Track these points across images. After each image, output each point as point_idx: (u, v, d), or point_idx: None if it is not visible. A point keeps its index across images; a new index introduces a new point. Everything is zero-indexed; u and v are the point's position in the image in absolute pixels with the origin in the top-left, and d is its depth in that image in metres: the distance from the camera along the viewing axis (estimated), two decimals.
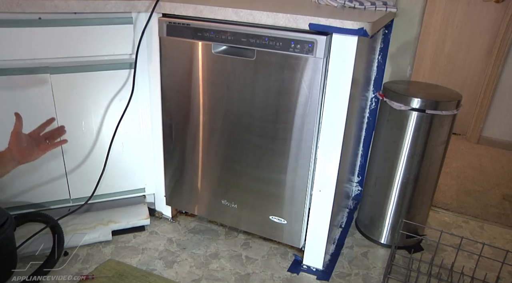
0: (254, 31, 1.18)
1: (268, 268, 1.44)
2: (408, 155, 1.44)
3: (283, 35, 1.14)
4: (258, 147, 1.34)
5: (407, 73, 1.66)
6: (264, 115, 1.29)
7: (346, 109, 1.17)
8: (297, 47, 1.13)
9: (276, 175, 1.35)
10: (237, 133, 1.36)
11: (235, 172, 1.42)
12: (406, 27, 1.59)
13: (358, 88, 1.35)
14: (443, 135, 1.41)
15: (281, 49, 1.16)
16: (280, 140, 1.29)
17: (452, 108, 1.36)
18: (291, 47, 1.14)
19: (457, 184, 2.12)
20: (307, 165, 1.28)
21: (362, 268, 1.46)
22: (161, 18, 1.31)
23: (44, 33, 1.25)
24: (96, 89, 1.40)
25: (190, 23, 1.27)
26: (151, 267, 1.41)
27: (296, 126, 1.25)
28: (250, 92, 1.27)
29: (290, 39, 1.14)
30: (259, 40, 1.18)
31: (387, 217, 1.57)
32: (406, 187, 1.49)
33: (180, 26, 1.28)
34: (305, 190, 1.32)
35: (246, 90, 1.28)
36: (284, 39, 1.14)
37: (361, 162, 1.84)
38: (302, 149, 1.27)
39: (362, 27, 1.05)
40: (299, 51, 1.14)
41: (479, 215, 1.85)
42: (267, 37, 1.16)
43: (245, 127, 1.33)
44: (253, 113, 1.30)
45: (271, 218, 1.44)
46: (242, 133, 1.35)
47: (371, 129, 1.73)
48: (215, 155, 1.44)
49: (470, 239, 1.44)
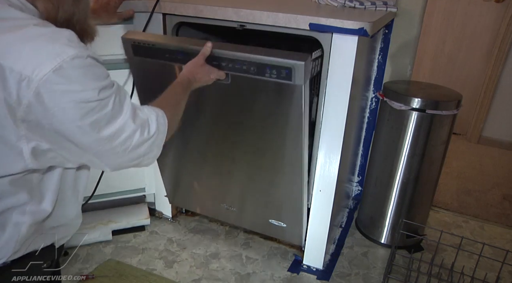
0: (227, 55, 1.06)
1: (268, 268, 1.44)
2: (408, 155, 1.44)
3: (258, 60, 1.02)
4: (247, 163, 1.33)
5: (407, 73, 1.66)
6: (248, 139, 1.26)
7: (347, 108, 1.17)
8: (273, 72, 1.03)
9: (269, 188, 1.35)
10: (226, 150, 1.34)
11: (230, 182, 1.43)
12: (406, 27, 1.59)
13: (358, 88, 1.35)
14: (443, 135, 1.42)
15: (256, 74, 1.06)
16: (269, 161, 1.29)
17: (452, 108, 1.36)
18: (267, 72, 1.03)
19: (457, 184, 2.12)
20: (299, 181, 1.25)
21: (362, 268, 1.46)
22: (126, 38, 1.18)
23: None
24: None
25: (156, 43, 1.15)
26: (151, 267, 1.41)
27: (280, 155, 1.22)
28: (227, 114, 1.23)
29: (265, 64, 1.02)
30: (232, 64, 1.06)
31: (387, 217, 1.57)
32: (406, 187, 1.49)
33: (145, 47, 1.17)
34: (301, 201, 1.31)
35: (222, 113, 1.24)
36: (260, 64, 1.03)
37: (361, 162, 1.84)
38: (291, 172, 1.25)
39: (363, 27, 1.05)
40: (276, 77, 1.03)
41: (479, 215, 1.85)
42: (240, 62, 1.05)
43: (232, 145, 1.31)
44: (236, 135, 1.27)
45: (270, 221, 1.45)
46: (231, 150, 1.33)
47: (371, 129, 1.73)
48: (209, 165, 1.43)
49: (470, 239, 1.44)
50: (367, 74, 1.59)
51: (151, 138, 0.75)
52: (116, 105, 0.68)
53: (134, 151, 0.72)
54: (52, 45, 0.61)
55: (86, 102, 0.63)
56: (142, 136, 0.73)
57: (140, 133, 0.72)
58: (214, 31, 1.57)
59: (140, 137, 0.72)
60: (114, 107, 0.67)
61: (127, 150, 0.71)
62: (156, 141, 0.77)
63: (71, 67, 0.61)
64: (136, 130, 0.71)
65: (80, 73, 0.62)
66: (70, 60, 0.60)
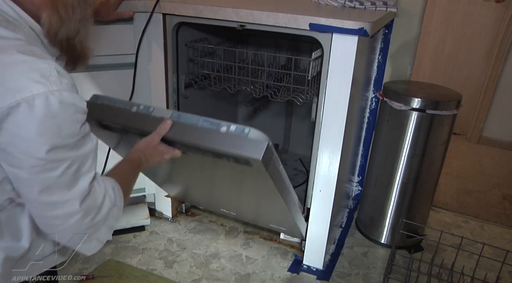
0: (182, 139, 0.92)
1: (268, 268, 1.44)
2: (408, 155, 1.44)
3: (214, 150, 0.88)
4: (237, 200, 1.37)
5: (407, 73, 1.66)
6: (230, 190, 1.30)
7: (347, 109, 1.17)
8: (231, 159, 0.92)
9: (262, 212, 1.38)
10: (212, 187, 1.36)
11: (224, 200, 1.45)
12: (406, 27, 1.59)
13: (358, 88, 1.36)
14: (443, 135, 1.42)
15: (214, 157, 0.94)
16: (256, 204, 1.33)
17: (452, 108, 1.36)
18: (225, 158, 0.92)
19: (457, 184, 2.12)
20: (291, 219, 1.27)
21: (362, 268, 1.46)
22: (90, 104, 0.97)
23: None
24: (95, 90, 1.39)
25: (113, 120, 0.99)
26: (151, 267, 1.42)
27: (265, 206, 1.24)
28: (205, 168, 1.17)
29: (221, 154, 0.90)
30: (188, 148, 0.94)
31: (387, 217, 1.57)
32: (406, 187, 1.49)
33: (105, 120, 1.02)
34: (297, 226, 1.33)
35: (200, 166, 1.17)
36: (216, 153, 0.90)
37: (361, 162, 1.84)
38: (280, 215, 1.28)
39: (363, 27, 1.05)
40: (234, 161, 0.92)
41: (479, 215, 1.85)
42: (196, 148, 0.93)
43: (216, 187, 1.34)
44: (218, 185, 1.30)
45: (271, 225, 1.46)
46: (217, 189, 1.36)
47: (371, 129, 1.73)
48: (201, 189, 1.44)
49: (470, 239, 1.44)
50: (367, 74, 1.59)
51: (93, 225, 0.65)
52: (67, 175, 0.58)
53: (67, 230, 0.62)
54: (20, 78, 0.53)
55: (28, 155, 0.54)
56: (83, 220, 0.62)
57: (81, 218, 0.62)
58: (214, 31, 1.57)
59: (79, 221, 0.62)
60: (63, 176, 0.57)
61: (58, 227, 0.62)
62: (101, 225, 0.67)
63: (28, 108, 0.52)
64: (78, 213, 0.61)
65: (35, 119, 0.53)
66: (30, 100, 0.53)
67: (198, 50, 1.47)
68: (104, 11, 1.20)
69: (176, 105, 1.50)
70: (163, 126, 0.89)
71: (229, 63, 1.49)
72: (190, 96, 1.58)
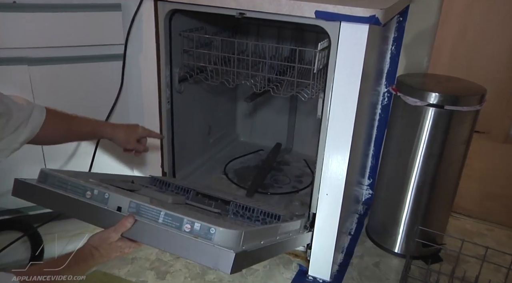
0: (142, 240, 0.90)
1: (270, 279, 1.44)
2: (424, 156, 1.44)
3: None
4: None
5: (423, 65, 1.66)
6: None
7: (356, 105, 1.18)
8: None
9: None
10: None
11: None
12: (423, 14, 1.59)
13: (369, 82, 1.36)
14: (464, 134, 1.42)
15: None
16: None
17: (474, 103, 1.36)
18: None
19: (480, 188, 2.12)
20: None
21: (373, 280, 1.47)
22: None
23: (20, 19, 1.24)
24: (81, 83, 1.40)
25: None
26: (141, 278, 1.43)
27: None
28: None
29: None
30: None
31: (401, 223, 1.57)
32: (422, 191, 1.50)
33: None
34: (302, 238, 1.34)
35: None
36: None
37: (372, 163, 1.84)
38: None
39: (374, 15, 1.05)
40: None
41: (505, 222, 1.84)
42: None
43: None
44: None
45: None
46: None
47: (383, 127, 1.74)
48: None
49: (497, 249, 1.42)
50: (379, 66, 1.59)
51: None
52: None
53: None
54: None
55: None
56: None
57: None
58: (211, 20, 1.58)
59: None
60: None
61: None
62: None
63: None
64: None
65: None
66: None
67: (193, 41, 1.48)
68: (123, 138, 1.23)
69: (170, 101, 1.51)
70: (123, 223, 0.87)
71: (228, 55, 1.49)
72: (185, 91, 1.58)
